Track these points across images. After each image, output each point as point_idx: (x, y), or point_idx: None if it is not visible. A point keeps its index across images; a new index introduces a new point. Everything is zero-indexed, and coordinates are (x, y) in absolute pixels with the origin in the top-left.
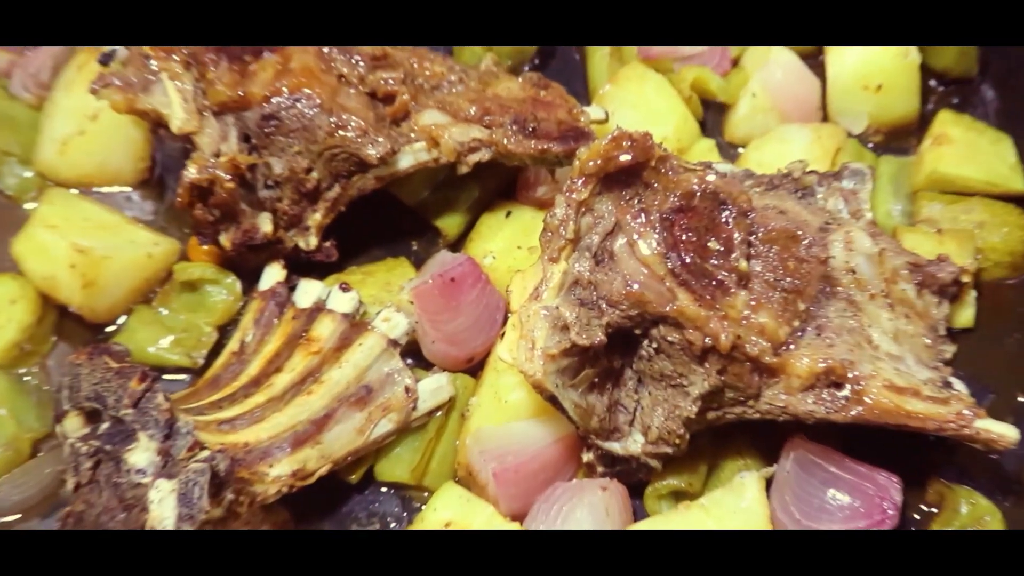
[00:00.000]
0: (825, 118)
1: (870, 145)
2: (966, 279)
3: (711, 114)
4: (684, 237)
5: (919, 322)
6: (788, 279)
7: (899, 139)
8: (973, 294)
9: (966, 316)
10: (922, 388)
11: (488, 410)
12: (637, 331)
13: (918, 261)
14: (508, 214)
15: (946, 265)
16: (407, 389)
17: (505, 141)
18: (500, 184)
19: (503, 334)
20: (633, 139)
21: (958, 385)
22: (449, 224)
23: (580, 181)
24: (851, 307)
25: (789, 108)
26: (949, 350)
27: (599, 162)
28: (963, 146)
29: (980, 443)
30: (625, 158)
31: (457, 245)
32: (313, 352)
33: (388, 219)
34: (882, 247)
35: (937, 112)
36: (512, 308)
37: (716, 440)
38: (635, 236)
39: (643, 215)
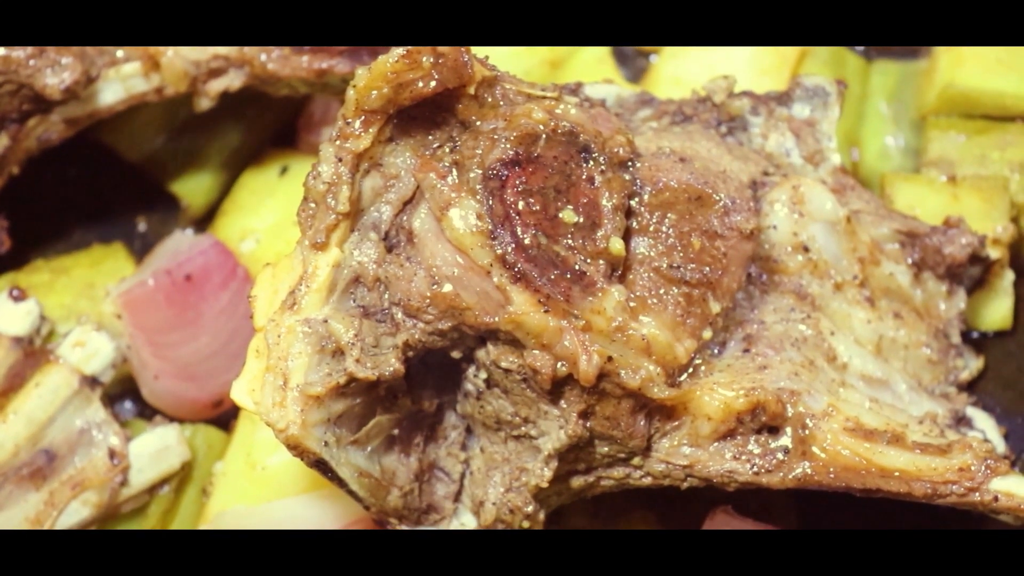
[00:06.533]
0: None
1: (858, 48)
2: (995, 254)
3: None
4: (522, 204)
5: (918, 324)
6: (691, 265)
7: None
8: (1009, 277)
9: (999, 311)
10: (909, 430)
11: (238, 482)
12: (455, 354)
13: (915, 229)
14: (283, 171)
15: (959, 234)
16: (112, 453)
17: (264, 58)
18: (272, 126)
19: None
20: (438, 54)
21: (981, 421)
22: (193, 190)
23: (358, 121)
24: (802, 305)
25: None
26: (969, 366)
27: (386, 91)
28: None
29: (1006, 514)
30: (426, 84)
31: (207, 221)
32: None
33: (98, 184)
34: (854, 208)
35: None
36: (256, 324)
37: (595, 521)
38: (445, 205)
39: (457, 171)
